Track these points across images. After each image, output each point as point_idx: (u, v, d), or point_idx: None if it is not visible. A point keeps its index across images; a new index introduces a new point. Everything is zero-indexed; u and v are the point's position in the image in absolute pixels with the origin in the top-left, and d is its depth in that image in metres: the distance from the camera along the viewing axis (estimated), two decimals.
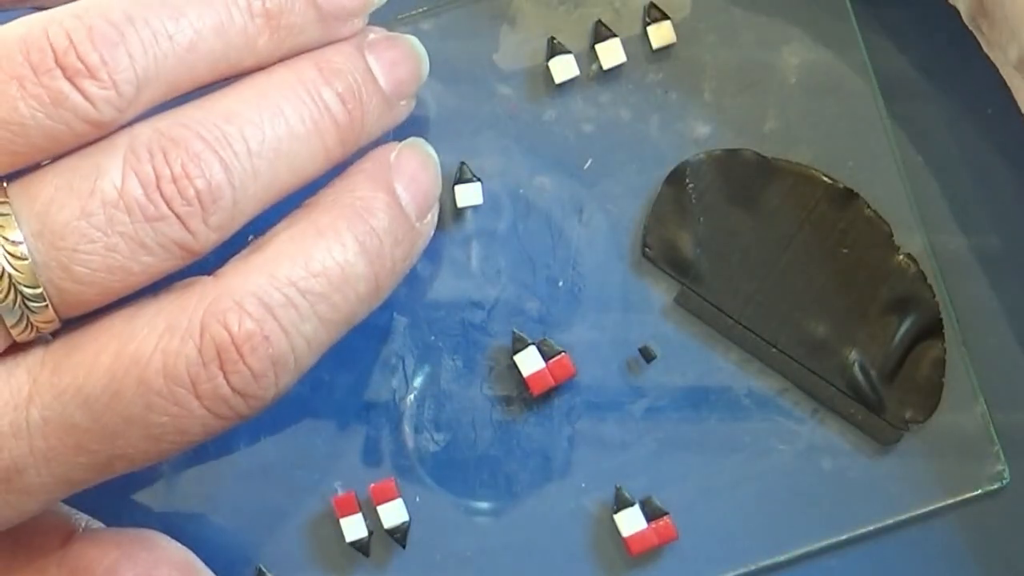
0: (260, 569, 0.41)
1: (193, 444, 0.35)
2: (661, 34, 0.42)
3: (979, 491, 0.42)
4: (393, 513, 0.41)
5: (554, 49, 0.42)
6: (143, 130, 0.34)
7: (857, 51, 0.42)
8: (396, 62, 0.38)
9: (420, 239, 0.38)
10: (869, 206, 0.42)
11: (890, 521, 0.41)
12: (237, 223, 0.35)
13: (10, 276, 0.33)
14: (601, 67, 0.42)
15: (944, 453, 0.42)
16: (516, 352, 0.41)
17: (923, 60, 0.42)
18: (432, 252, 0.42)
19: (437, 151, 0.41)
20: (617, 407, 0.42)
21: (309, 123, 0.35)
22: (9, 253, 0.33)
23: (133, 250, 0.33)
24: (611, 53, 0.42)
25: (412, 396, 0.42)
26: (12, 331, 0.34)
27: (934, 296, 0.42)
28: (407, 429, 0.42)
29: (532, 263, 0.42)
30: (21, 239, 0.33)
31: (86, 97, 0.33)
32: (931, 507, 0.41)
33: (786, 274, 0.42)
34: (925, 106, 0.42)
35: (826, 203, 0.42)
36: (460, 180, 0.41)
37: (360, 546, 0.41)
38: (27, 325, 0.34)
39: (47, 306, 0.33)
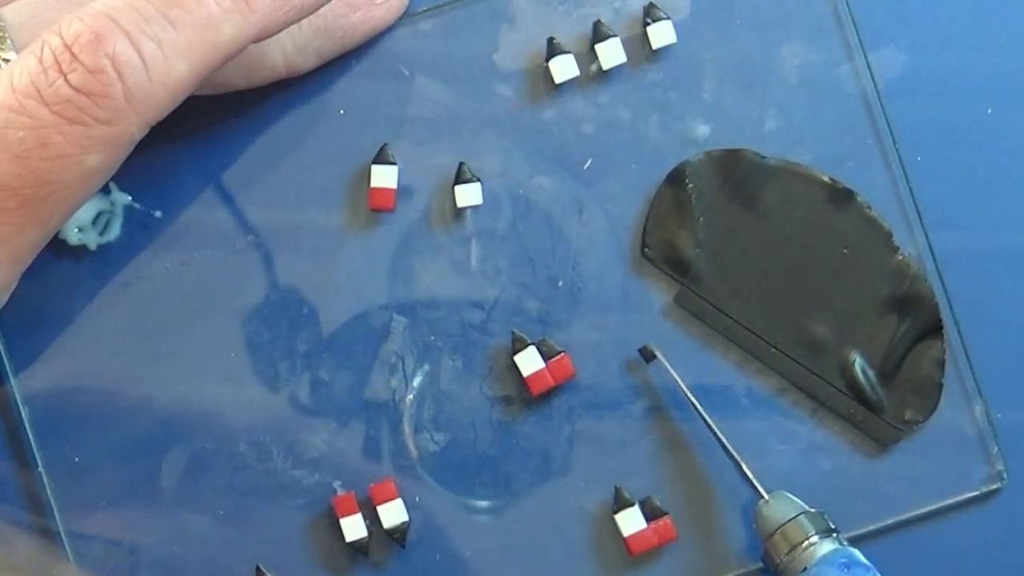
0: (260, 569, 0.41)
1: (77, 161, 0.35)
2: (661, 34, 0.42)
3: (979, 491, 0.42)
4: (393, 513, 0.41)
5: (554, 49, 0.42)
6: None
7: (857, 51, 0.42)
8: None
9: None
10: (869, 206, 0.42)
11: (890, 521, 0.41)
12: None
13: None
14: (601, 67, 0.42)
15: (944, 453, 0.42)
16: (516, 352, 0.41)
17: (923, 60, 0.42)
18: (432, 252, 0.42)
19: (437, 151, 0.41)
20: (617, 407, 0.42)
21: None
22: None
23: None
24: (611, 53, 0.42)
25: (412, 396, 0.42)
26: None
27: (934, 296, 0.42)
28: (407, 429, 0.42)
29: (532, 263, 0.42)
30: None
31: None
32: (931, 507, 0.41)
33: (786, 274, 0.42)
34: (925, 106, 0.42)
35: (826, 203, 0.42)
36: (460, 180, 0.41)
37: (360, 546, 0.41)
38: None
39: None
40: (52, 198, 0.35)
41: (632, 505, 0.41)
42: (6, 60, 0.36)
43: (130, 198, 0.41)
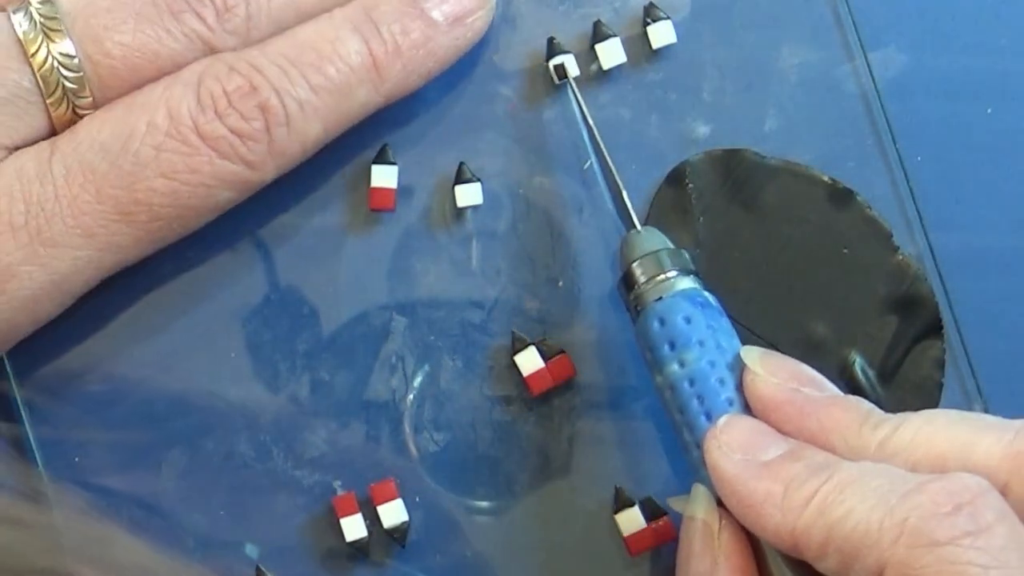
0: (260, 569, 0.41)
1: (212, 192, 0.38)
2: (661, 33, 0.42)
3: None
4: (393, 513, 0.41)
5: (554, 49, 0.42)
6: None
7: (857, 51, 0.42)
8: None
9: (446, 38, 0.40)
10: (869, 206, 0.42)
11: None
12: (252, 33, 0.39)
13: (49, 50, 0.37)
14: (601, 67, 0.42)
15: None
16: (516, 352, 0.41)
17: (923, 60, 0.42)
18: (432, 252, 0.42)
19: (437, 151, 0.42)
20: (617, 407, 0.42)
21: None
22: (46, 26, 0.37)
23: (158, 34, 0.38)
24: (611, 53, 0.42)
25: (412, 396, 0.42)
26: (53, 115, 0.38)
27: (934, 296, 0.42)
28: (407, 429, 0.42)
29: (532, 263, 0.42)
30: (56, 14, 0.38)
31: None
32: None
33: (786, 274, 0.42)
34: (925, 106, 0.42)
35: (826, 203, 0.42)
36: (460, 180, 0.41)
37: (360, 546, 0.41)
38: (67, 105, 0.38)
39: (82, 76, 0.38)
40: (179, 221, 0.38)
41: (632, 505, 0.41)
42: (62, 54, 0.37)
43: None
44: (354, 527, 0.41)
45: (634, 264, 0.39)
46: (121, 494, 0.41)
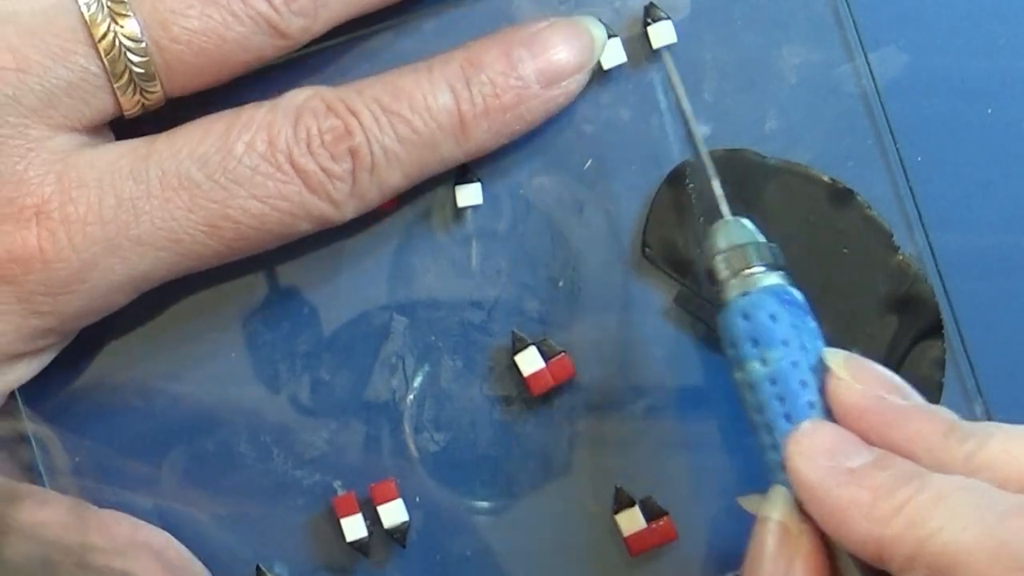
0: (260, 569, 0.41)
1: (295, 221, 0.39)
2: (661, 33, 0.42)
3: None
4: (393, 513, 0.41)
5: None
6: None
7: (857, 51, 0.42)
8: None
9: (537, 101, 0.40)
10: (869, 206, 0.42)
11: None
12: (320, 20, 0.39)
13: (115, 33, 0.37)
14: (601, 67, 0.42)
15: None
16: (516, 352, 0.41)
17: (923, 60, 0.42)
18: (432, 252, 0.42)
19: None
20: (617, 407, 0.42)
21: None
22: (113, 9, 0.37)
23: (225, 18, 0.38)
24: (611, 53, 0.42)
25: (412, 396, 0.42)
26: (121, 100, 0.38)
27: (934, 296, 0.42)
28: (407, 429, 0.42)
29: (532, 263, 0.42)
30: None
31: None
32: None
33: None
34: (925, 106, 0.42)
35: (826, 203, 0.42)
36: (460, 180, 0.41)
37: (360, 546, 0.41)
38: (135, 90, 0.38)
39: (148, 61, 0.38)
40: (258, 243, 0.39)
41: (632, 505, 0.41)
42: (129, 38, 0.37)
43: None
44: (354, 527, 0.41)
45: (719, 257, 0.39)
46: (121, 494, 0.41)
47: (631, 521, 0.41)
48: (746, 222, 0.40)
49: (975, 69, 0.42)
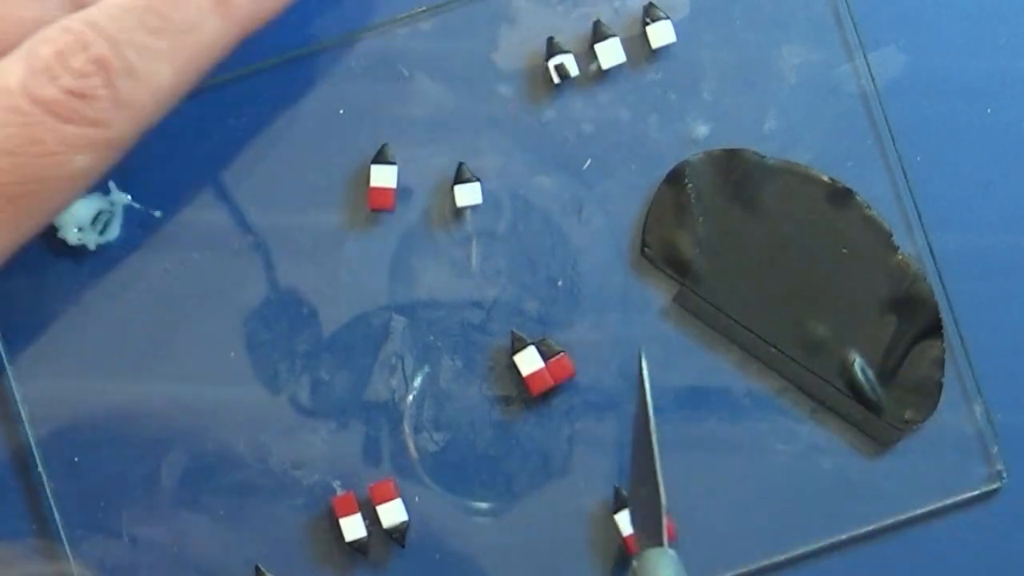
0: (259, 569, 0.41)
1: (64, 159, 0.36)
2: (661, 34, 0.42)
3: (978, 491, 0.42)
4: (392, 513, 0.41)
5: (554, 49, 0.42)
6: None
7: (857, 51, 0.42)
8: None
9: None
10: (869, 206, 0.42)
11: (890, 521, 0.41)
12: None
13: None
14: (601, 67, 0.42)
15: (943, 453, 0.42)
16: (515, 352, 0.41)
17: (923, 60, 0.42)
18: (432, 252, 0.42)
19: (437, 151, 0.41)
20: (617, 407, 0.42)
21: None
22: None
23: None
24: (611, 53, 0.42)
25: (412, 396, 0.42)
26: None
27: (934, 296, 0.42)
28: (407, 429, 0.42)
29: (532, 263, 0.42)
30: None
31: None
32: (931, 507, 0.41)
33: (786, 274, 0.42)
34: (925, 106, 0.42)
35: (826, 203, 0.42)
36: (459, 180, 0.41)
37: (359, 546, 0.41)
38: None
39: None
40: (38, 197, 0.36)
41: None
42: None
43: (129, 197, 0.41)
44: (353, 527, 0.41)
45: None
46: (121, 494, 0.41)
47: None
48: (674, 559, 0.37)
49: (975, 69, 0.42)
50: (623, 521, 0.41)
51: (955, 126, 0.42)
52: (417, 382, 0.42)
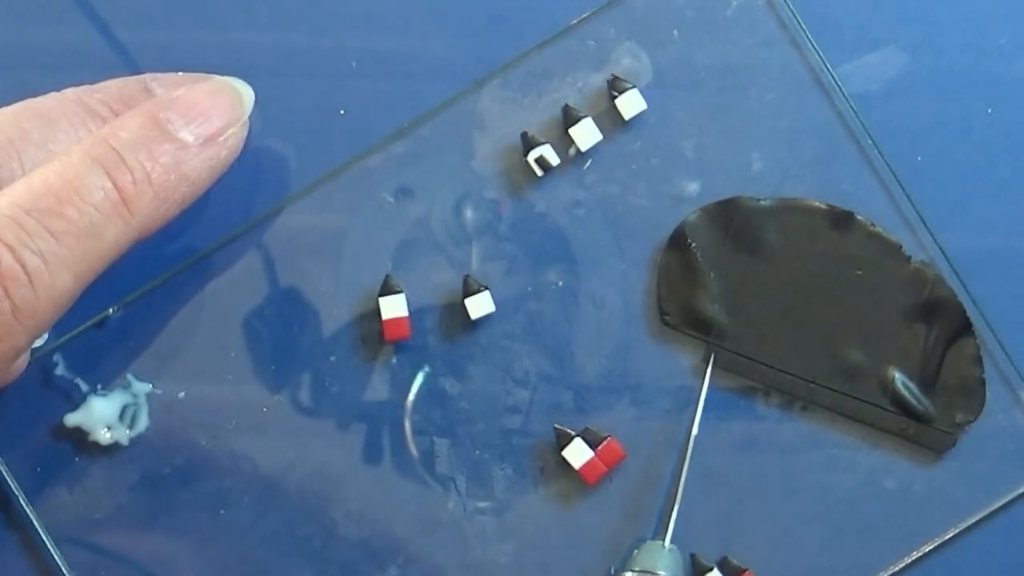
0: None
1: None
2: (631, 104, 0.42)
3: None
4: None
5: (530, 142, 0.42)
6: None
7: (822, 70, 0.42)
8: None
9: (197, 159, 0.38)
10: (872, 223, 0.42)
11: (965, 524, 0.41)
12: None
13: None
14: (579, 149, 0.42)
15: (1002, 447, 0.42)
16: (563, 447, 0.41)
17: (923, 60, 0.42)
18: (457, 370, 0.42)
19: (439, 273, 0.42)
20: (672, 476, 0.42)
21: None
22: None
23: None
24: (586, 134, 0.42)
25: (412, 397, 0.41)
26: None
27: (956, 296, 0.41)
28: (407, 429, 0.41)
29: (558, 357, 0.42)
30: None
31: None
32: (999, 502, 0.41)
33: (807, 308, 0.41)
34: (925, 106, 0.42)
35: (830, 230, 0.42)
36: (468, 293, 0.41)
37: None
38: None
39: None
40: None
41: (711, 570, 0.41)
42: None
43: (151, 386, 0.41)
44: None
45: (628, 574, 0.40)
46: (120, 495, 0.41)
47: None
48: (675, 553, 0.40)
49: (975, 69, 0.42)
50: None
51: (955, 126, 0.42)
52: (417, 383, 0.41)
